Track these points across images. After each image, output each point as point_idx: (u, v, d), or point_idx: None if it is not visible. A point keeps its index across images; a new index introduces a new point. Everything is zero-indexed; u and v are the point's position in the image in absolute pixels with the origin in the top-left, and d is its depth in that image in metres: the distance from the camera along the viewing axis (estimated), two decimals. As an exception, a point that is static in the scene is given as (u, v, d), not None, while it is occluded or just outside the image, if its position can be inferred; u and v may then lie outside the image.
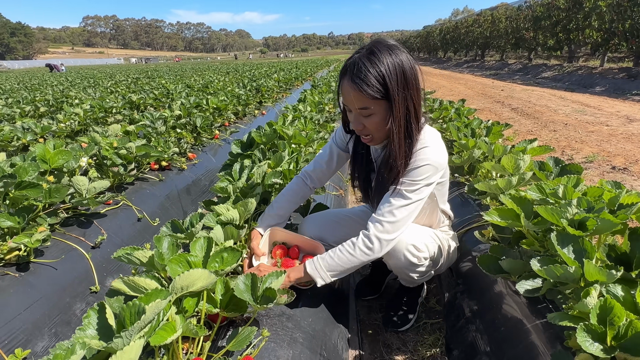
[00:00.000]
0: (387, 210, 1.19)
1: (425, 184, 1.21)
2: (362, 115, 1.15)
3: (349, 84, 1.11)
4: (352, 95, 1.12)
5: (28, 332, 1.43)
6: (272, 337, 1.15)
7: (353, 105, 1.14)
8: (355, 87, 1.10)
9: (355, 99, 1.12)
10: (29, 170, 1.66)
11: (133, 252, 1.04)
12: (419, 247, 1.36)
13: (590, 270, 0.89)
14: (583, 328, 0.82)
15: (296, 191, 1.51)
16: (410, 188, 1.20)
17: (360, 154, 1.40)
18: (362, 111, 1.14)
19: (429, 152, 1.19)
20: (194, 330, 0.85)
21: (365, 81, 1.08)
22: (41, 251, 1.69)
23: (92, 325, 0.77)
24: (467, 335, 1.40)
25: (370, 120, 1.15)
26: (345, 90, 1.14)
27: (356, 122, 1.17)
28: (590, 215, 1.01)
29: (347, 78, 1.12)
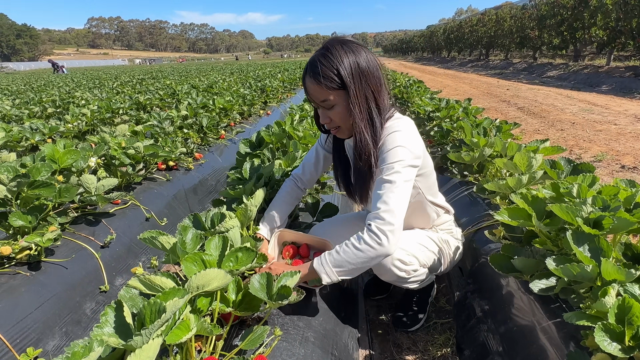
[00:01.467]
0: (379, 201, 1.16)
1: (403, 166, 1.18)
2: (325, 109, 1.24)
3: (308, 80, 1.21)
4: (312, 90, 1.21)
5: (39, 331, 1.44)
6: (284, 336, 1.15)
7: (315, 100, 1.23)
8: (313, 81, 1.19)
9: (315, 92, 1.20)
10: (42, 170, 1.67)
11: (158, 236, 1.04)
12: (405, 260, 1.35)
13: (607, 269, 0.88)
14: (601, 327, 0.81)
15: (290, 193, 1.57)
16: (389, 172, 1.18)
17: (337, 152, 1.46)
18: (324, 104, 1.22)
19: (398, 136, 1.21)
20: (208, 329, 0.85)
21: (321, 74, 1.17)
22: (52, 250, 1.70)
23: (109, 323, 0.77)
24: (478, 335, 1.40)
25: (333, 111, 1.23)
26: (307, 87, 1.23)
27: (323, 116, 1.25)
28: (606, 214, 1.00)
29: (307, 75, 1.22)
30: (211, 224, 1.24)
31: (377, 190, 1.19)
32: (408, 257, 1.37)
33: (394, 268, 1.34)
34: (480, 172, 2.13)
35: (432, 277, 1.53)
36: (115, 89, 8.69)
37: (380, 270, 1.37)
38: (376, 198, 1.17)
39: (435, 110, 3.34)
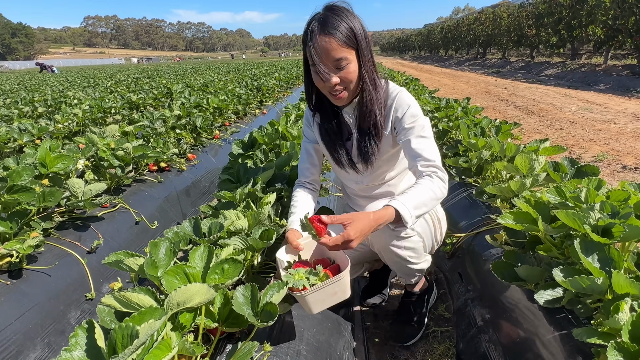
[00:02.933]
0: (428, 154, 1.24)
1: (424, 120, 1.30)
2: (336, 68, 1.19)
3: (322, 37, 1.15)
4: (326, 48, 1.15)
5: (19, 342, 1.37)
6: (274, 351, 1.08)
7: (328, 59, 1.17)
8: (328, 38, 1.15)
9: (332, 50, 1.15)
10: (23, 174, 1.60)
11: (125, 258, 0.98)
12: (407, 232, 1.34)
13: (619, 282, 0.82)
14: (614, 346, 0.75)
15: (308, 195, 1.47)
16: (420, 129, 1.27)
17: (331, 127, 1.40)
18: (337, 63, 1.18)
19: (405, 95, 1.31)
20: (190, 349, 0.78)
21: (338, 29, 1.15)
22: (34, 257, 1.63)
23: (80, 345, 0.71)
24: (479, 346, 1.34)
25: (345, 70, 1.19)
26: (319, 46, 1.16)
27: (333, 77, 1.19)
28: (616, 221, 0.94)
29: (319, 33, 1.16)
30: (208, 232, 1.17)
31: (417, 145, 1.25)
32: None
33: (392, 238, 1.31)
34: (479, 174, 2.07)
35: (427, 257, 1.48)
36: (109, 88, 8.59)
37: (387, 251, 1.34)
38: (420, 151, 1.25)
39: (434, 109, 3.28)
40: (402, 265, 1.38)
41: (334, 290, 1.08)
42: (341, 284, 1.09)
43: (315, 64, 1.18)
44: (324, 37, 1.15)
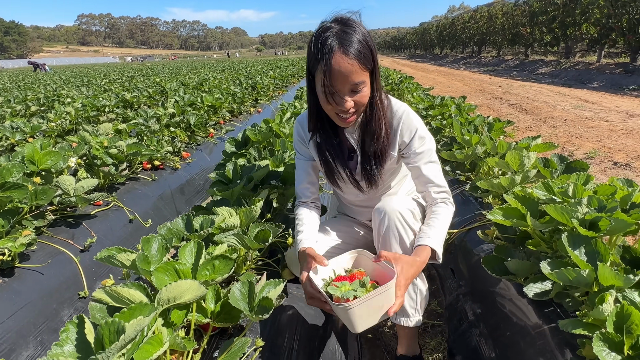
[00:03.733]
0: (438, 180, 1.26)
1: (431, 142, 1.29)
2: (352, 92, 1.09)
3: (344, 58, 1.03)
4: (350, 70, 1.03)
5: (12, 341, 1.37)
6: (267, 346, 1.09)
7: (346, 83, 1.06)
8: (353, 60, 1.03)
9: (353, 72, 1.04)
10: (13, 171, 1.59)
11: (118, 254, 0.98)
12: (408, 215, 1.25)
13: (604, 274, 0.83)
14: (599, 337, 0.76)
15: (312, 212, 1.38)
16: (429, 152, 1.27)
17: (333, 146, 1.30)
18: (355, 86, 1.07)
19: (411, 116, 1.26)
20: (181, 344, 0.79)
21: (359, 50, 1.04)
22: (27, 255, 1.62)
23: (70, 340, 0.71)
24: (470, 340, 1.35)
25: (360, 94, 1.10)
26: (341, 68, 1.03)
27: (348, 102, 1.09)
28: (602, 215, 0.95)
29: (339, 52, 1.03)
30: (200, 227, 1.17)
31: (428, 172, 1.25)
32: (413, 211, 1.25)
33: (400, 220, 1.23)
34: (472, 170, 2.08)
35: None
36: (103, 86, 8.54)
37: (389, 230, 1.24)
38: (430, 178, 1.25)
39: (428, 107, 3.29)
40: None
41: (381, 303, 0.97)
42: (389, 295, 0.98)
43: (332, 86, 1.06)
44: (347, 59, 1.03)
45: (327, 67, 1.03)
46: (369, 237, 1.53)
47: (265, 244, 1.13)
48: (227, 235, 1.13)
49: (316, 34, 1.08)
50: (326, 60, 1.03)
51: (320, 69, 1.05)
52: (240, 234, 1.13)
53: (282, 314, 1.29)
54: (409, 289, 1.24)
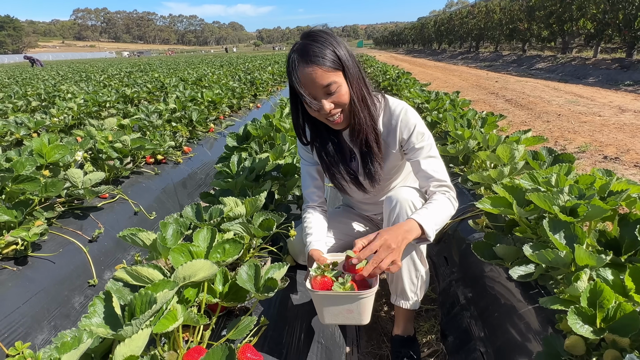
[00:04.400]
0: (438, 174, 1.28)
1: (430, 137, 1.32)
2: (327, 94, 1.16)
3: (307, 67, 1.13)
4: (312, 76, 1.13)
5: (27, 325, 1.44)
6: (270, 325, 1.17)
7: (316, 87, 1.15)
8: (313, 66, 1.12)
9: (319, 76, 1.13)
10: (26, 165, 1.66)
11: (138, 233, 1.05)
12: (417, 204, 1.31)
13: (580, 255, 0.91)
14: (574, 311, 0.84)
15: (320, 216, 1.43)
16: (428, 148, 1.30)
17: (331, 150, 1.36)
18: (327, 89, 1.15)
19: (409, 113, 1.30)
20: (195, 318, 0.87)
21: (320, 56, 1.13)
22: (39, 245, 1.69)
23: (97, 313, 0.78)
24: (461, 322, 1.43)
25: (337, 94, 1.17)
26: (306, 76, 1.14)
27: (325, 104, 1.17)
28: (581, 202, 1.03)
29: (303, 64, 1.14)
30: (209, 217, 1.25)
31: (428, 167, 1.28)
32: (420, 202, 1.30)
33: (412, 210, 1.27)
34: (465, 163, 2.16)
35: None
36: (102, 82, 8.56)
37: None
38: (430, 173, 1.28)
39: (425, 102, 3.37)
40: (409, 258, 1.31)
41: (350, 308, 1.02)
42: (358, 304, 1.02)
43: (303, 95, 1.16)
44: (307, 67, 1.13)
45: (297, 80, 1.15)
46: (371, 229, 1.60)
47: (270, 232, 1.21)
48: (233, 224, 1.20)
49: (288, 54, 1.20)
50: (294, 74, 1.15)
51: (294, 82, 1.16)
52: (245, 222, 1.21)
53: (285, 298, 1.37)
54: (410, 274, 1.31)
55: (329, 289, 1.03)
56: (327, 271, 1.07)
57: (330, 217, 1.58)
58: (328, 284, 1.04)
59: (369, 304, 1.04)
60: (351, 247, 1.61)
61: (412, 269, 1.31)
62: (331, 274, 1.06)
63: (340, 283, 1.03)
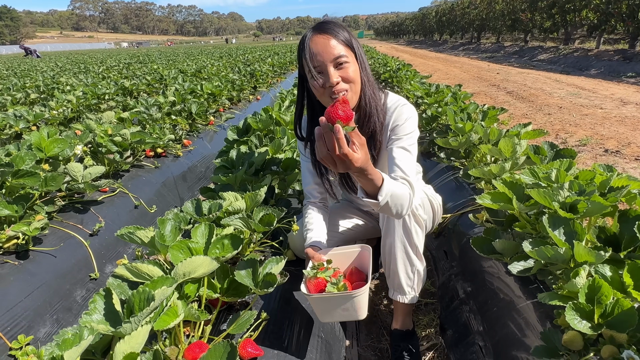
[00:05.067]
0: (401, 167, 1.22)
1: (416, 137, 1.30)
2: (336, 69, 1.16)
3: (320, 37, 1.15)
4: (326, 46, 1.14)
5: (30, 318, 1.46)
6: (271, 320, 1.18)
7: (328, 55, 1.14)
8: (327, 36, 1.15)
9: (331, 45, 1.14)
10: (26, 159, 1.66)
11: (136, 231, 1.06)
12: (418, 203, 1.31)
13: (579, 251, 0.91)
14: (572, 307, 0.85)
15: (320, 212, 1.44)
16: (409, 142, 1.27)
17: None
18: (337, 60, 1.15)
19: (409, 107, 1.31)
20: (196, 314, 0.87)
21: (335, 31, 1.16)
22: (40, 239, 1.70)
23: (98, 310, 0.79)
24: (460, 316, 1.45)
25: (346, 69, 1.17)
26: (318, 44, 1.15)
27: (333, 75, 1.15)
28: (581, 198, 1.03)
29: (316, 34, 1.16)
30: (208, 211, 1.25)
31: (397, 155, 1.24)
32: (418, 200, 1.33)
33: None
34: (466, 157, 2.16)
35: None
36: (101, 73, 8.51)
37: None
38: (397, 162, 1.23)
39: (424, 95, 3.35)
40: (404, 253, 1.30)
41: (345, 306, 1.04)
42: (352, 302, 1.04)
43: (310, 68, 1.15)
44: (321, 36, 1.15)
45: (308, 51, 1.16)
46: (370, 224, 1.61)
47: (270, 227, 1.21)
48: (233, 219, 1.20)
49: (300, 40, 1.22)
50: (307, 44, 1.16)
51: (305, 59, 1.17)
52: (245, 217, 1.21)
53: (285, 292, 1.38)
54: (407, 269, 1.32)
55: (323, 289, 1.05)
56: (321, 272, 1.08)
57: (331, 211, 1.59)
58: (322, 285, 1.06)
59: (364, 300, 1.06)
60: (351, 241, 1.63)
61: (407, 264, 1.32)
62: (325, 274, 1.07)
63: (333, 283, 1.04)
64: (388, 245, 1.30)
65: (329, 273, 1.08)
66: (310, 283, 1.08)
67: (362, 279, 1.14)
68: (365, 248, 1.26)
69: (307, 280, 1.10)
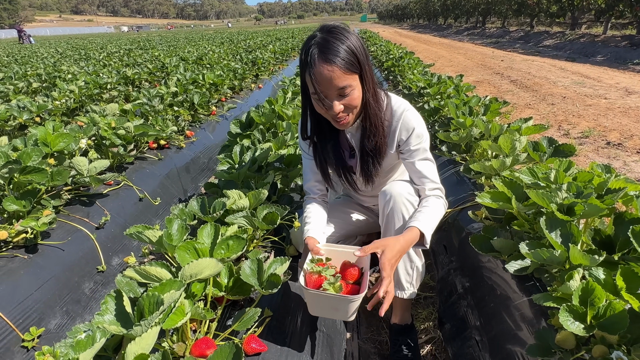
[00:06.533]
0: (431, 177, 1.32)
1: (427, 142, 1.34)
2: (340, 96, 1.15)
3: (324, 66, 1.10)
4: (332, 76, 1.10)
5: (40, 311, 1.50)
6: (274, 316, 1.21)
7: (332, 88, 1.12)
8: (332, 67, 1.09)
9: (336, 78, 1.10)
10: (32, 155, 1.68)
11: (144, 230, 1.09)
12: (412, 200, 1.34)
13: (575, 254, 0.94)
14: (565, 308, 0.88)
15: (320, 207, 1.45)
16: (425, 152, 1.32)
17: (328, 148, 1.37)
18: (341, 91, 1.13)
19: (413, 114, 1.31)
20: (202, 314, 0.91)
21: (339, 55, 1.10)
22: (47, 233, 1.74)
23: (109, 310, 0.82)
24: (458, 310, 1.48)
25: (350, 97, 1.15)
26: (323, 76, 1.10)
27: (336, 106, 1.15)
28: (578, 201, 1.05)
29: (319, 60, 1.10)
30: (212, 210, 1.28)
31: (422, 168, 1.32)
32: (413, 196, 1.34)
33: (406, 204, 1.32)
34: (467, 151, 2.17)
35: None
36: (102, 61, 8.46)
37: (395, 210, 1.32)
38: (424, 174, 1.32)
39: (426, 86, 3.33)
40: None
41: (337, 307, 1.09)
42: (344, 305, 1.08)
43: (317, 92, 1.14)
44: (327, 66, 1.09)
45: (313, 75, 1.11)
46: (370, 219, 1.64)
47: (274, 225, 1.24)
48: (237, 217, 1.23)
49: (304, 43, 1.16)
50: (310, 69, 1.12)
51: (308, 76, 1.14)
52: (249, 215, 1.24)
53: (287, 287, 1.42)
54: (406, 265, 1.35)
55: (320, 286, 1.08)
56: (322, 268, 1.11)
57: (331, 207, 1.62)
58: (320, 281, 1.09)
59: (356, 305, 1.10)
60: (351, 237, 1.66)
61: (406, 260, 1.36)
62: (326, 272, 1.10)
63: (330, 282, 1.08)
64: None
65: (330, 272, 1.11)
66: (309, 276, 1.12)
67: (356, 281, 1.17)
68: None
69: (306, 274, 1.13)
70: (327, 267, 1.14)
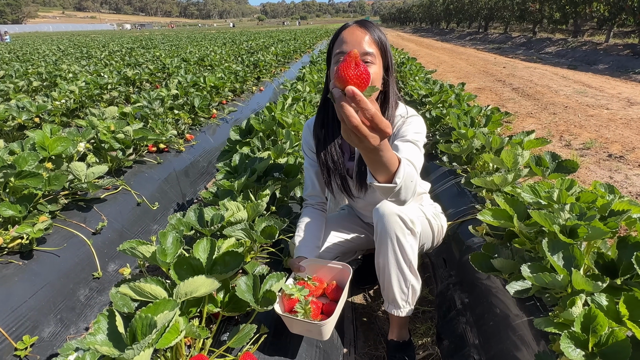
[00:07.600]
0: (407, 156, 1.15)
1: (423, 137, 1.32)
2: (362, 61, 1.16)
3: (358, 30, 1.19)
4: (362, 37, 1.17)
5: (34, 318, 1.48)
6: (270, 332, 1.20)
7: (359, 47, 1.17)
8: (364, 30, 1.19)
9: (366, 41, 1.18)
10: (28, 160, 1.66)
11: (138, 246, 1.07)
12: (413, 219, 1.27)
13: (577, 280, 0.92)
14: (567, 335, 0.86)
15: (316, 223, 1.46)
16: (415, 137, 1.27)
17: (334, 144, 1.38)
18: (365, 56, 1.18)
19: (419, 120, 1.35)
20: (196, 332, 0.89)
21: (376, 31, 1.21)
22: (43, 239, 1.71)
23: (102, 330, 0.80)
24: (457, 327, 1.47)
25: (368, 67, 1.17)
26: (354, 35, 1.18)
27: None
28: (581, 223, 1.04)
29: (356, 24, 1.20)
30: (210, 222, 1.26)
31: (403, 148, 1.22)
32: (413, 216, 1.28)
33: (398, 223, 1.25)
34: (468, 163, 2.15)
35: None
36: (103, 60, 8.45)
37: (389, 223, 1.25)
38: (402, 153, 1.19)
39: (428, 94, 3.32)
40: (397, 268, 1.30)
41: (309, 329, 1.13)
42: (316, 328, 1.10)
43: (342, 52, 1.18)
44: (361, 29, 1.19)
45: (344, 35, 1.20)
46: (370, 236, 1.62)
47: (272, 239, 1.22)
48: (235, 230, 1.21)
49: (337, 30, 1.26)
50: (342, 31, 1.21)
51: (339, 39, 1.21)
52: (247, 228, 1.22)
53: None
54: (400, 283, 1.32)
55: (293, 307, 1.12)
56: (297, 290, 1.15)
57: (332, 220, 1.60)
58: (293, 303, 1.14)
59: (328, 329, 1.11)
60: (351, 252, 1.66)
61: (401, 279, 1.31)
62: (300, 293, 1.14)
63: (301, 307, 1.11)
64: (382, 260, 1.30)
65: (304, 293, 1.14)
66: (284, 298, 1.17)
67: (338, 298, 1.18)
68: (346, 268, 1.29)
69: (282, 295, 1.17)
70: (303, 287, 1.17)
